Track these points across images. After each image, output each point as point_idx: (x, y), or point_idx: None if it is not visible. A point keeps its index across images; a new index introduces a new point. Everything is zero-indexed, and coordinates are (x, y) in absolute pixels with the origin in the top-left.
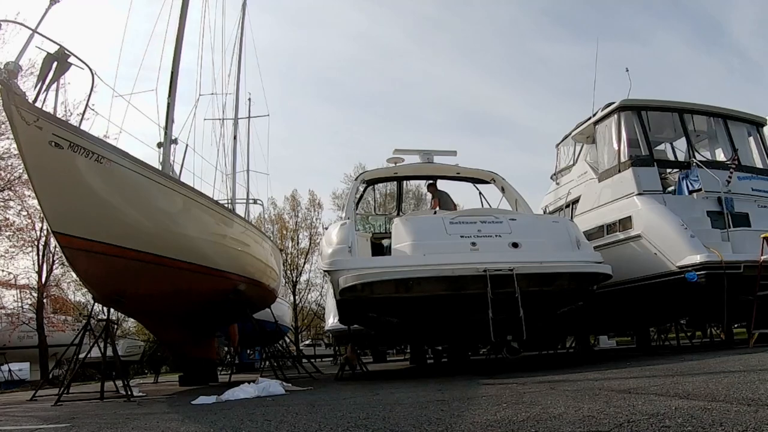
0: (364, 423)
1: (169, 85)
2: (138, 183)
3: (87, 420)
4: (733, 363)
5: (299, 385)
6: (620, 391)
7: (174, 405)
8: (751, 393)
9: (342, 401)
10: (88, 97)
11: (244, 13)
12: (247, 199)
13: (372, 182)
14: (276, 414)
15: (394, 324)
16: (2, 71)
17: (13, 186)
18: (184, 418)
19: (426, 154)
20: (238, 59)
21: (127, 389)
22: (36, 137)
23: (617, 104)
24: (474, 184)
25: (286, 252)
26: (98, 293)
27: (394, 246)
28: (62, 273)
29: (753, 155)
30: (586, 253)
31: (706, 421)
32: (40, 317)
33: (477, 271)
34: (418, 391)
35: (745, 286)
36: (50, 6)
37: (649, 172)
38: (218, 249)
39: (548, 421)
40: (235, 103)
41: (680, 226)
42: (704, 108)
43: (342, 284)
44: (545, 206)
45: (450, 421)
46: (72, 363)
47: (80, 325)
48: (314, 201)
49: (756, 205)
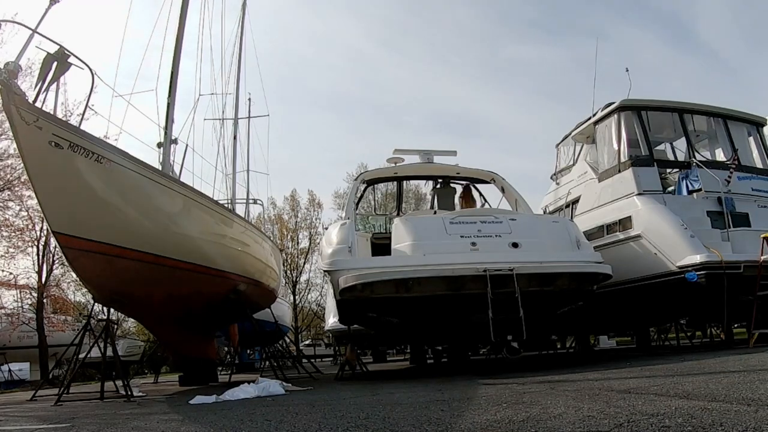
0: (364, 423)
1: (169, 85)
2: (138, 183)
3: (87, 420)
4: (733, 363)
5: (299, 385)
6: (620, 391)
7: (174, 405)
8: (751, 393)
9: (342, 401)
10: (88, 97)
11: (244, 13)
12: (247, 199)
13: (372, 182)
14: (276, 414)
15: (394, 324)
16: (2, 71)
17: (13, 186)
18: (184, 418)
19: (426, 154)
20: (238, 59)
21: (127, 389)
22: (36, 137)
23: (617, 104)
24: (474, 184)
25: (286, 252)
26: (98, 293)
27: (394, 246)
28: (62, 273)
29: (753, 155)
30: (586, 253)
31: (706, 421)
32: (40, 317)
33: (477, 271)
34: (418, 391)
35: (745, 286)
36: (50, 6)
37: (649, 172)
38: (218, 249)
39: (548, 421)
40: (235, 103)
41: (680, 226)
42: (704, 108)
43: (342, 284)
44: (545, 206)
45: (450, 421)
46: (72, 363)
47: (80, 325)
48: (314, 201)
49: (756, 205)
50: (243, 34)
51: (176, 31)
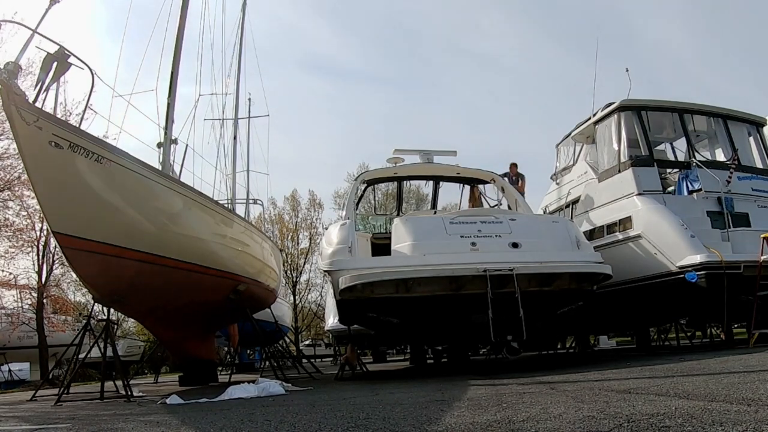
0: (364, 423)
1: (169, 85)
2: (138, 183)
3: (87, 420)
4: (733, 363)
5: (299, 385)
6: (620, 391)
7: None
8: (751, 393)
9: (342, 401)
10: (88, 97)
11: (244, 13)
12: (247, 199)
13: (372, 182)
14: (276, 414)
15: (394, 324)
16: (2, 71)
17: (13, 186)
18: (183, 418)
19: (426, 154)
20: (238, 59)
21: (127, 389)
22: (36, 137)
23: (617, 104)
24: (474, 184)
25: (286, 252)
26: (98, 293)
27: (394, 246)
28: (62, 273)
29: (753, 155)
30: (586, 253)
31: (706, 421)
32: (40, 317)
33: (477, 271)
34: (418, 391)
35: (745, 286)
36: (50, 6)
37: (649, 172)
38: (218, 249)
39: (548, 421)
40: (235, 103)
41: (680, 226)
42: (704, 108)
43: (342, 284)
44: (545, 206)
45: (450, 421)
46: (72, 363)
47: (80, 325)
48: (314, 201)
49: (756, 205)
50: (243, 33)
51: (176, 31)
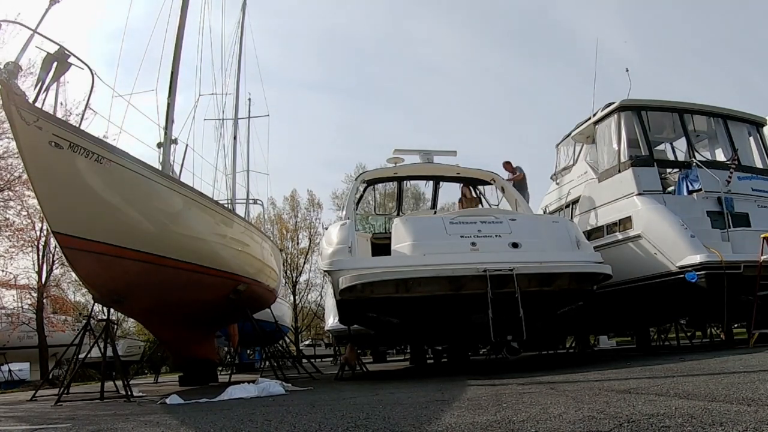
0: (364, 423)
1: (169, 85)
2: (138, 183)
3: (87, 420)
4: (733, 363)
5: (299, 385)
6: (620, 391)
7: (174, 405)
8: (751, 393)
9: (342, 401)
10: (88, 97)
11: (244, 14)
12: (247, 199)
13: (372, 182)
14: (276, 414)
15: (394, 324)
16: (2, 71)
17: (13, 186)
18: (183, 418)
19: (426, 154)
20: (238, 59)
21: (127, 389)
22: (36, 137)
23: (617, 104)
24: (474, 184)
25: (286, 252)
26: (98, 293)
27: (394, 246)
28: (62, 273)
29: (753, 155)
30: (586, 253)
31: (706, 421)
32: (40, 317)
33: (477, 271)
34: (418, 391)
35: (745, 286)
36: (50, 6)
37: (649, 172)
38: (218, 249)
39: (548, 421)
40: (235, 103)
41: (680, 226)
42: (704, 108)
43: (342, 284)
44: (545, 206)
45: (450, 421)
46: (72, 363)
47: (80, 325)
48: (313, 201)
49: (756, 205)
50: (243, 33)
51: (176, 31)
